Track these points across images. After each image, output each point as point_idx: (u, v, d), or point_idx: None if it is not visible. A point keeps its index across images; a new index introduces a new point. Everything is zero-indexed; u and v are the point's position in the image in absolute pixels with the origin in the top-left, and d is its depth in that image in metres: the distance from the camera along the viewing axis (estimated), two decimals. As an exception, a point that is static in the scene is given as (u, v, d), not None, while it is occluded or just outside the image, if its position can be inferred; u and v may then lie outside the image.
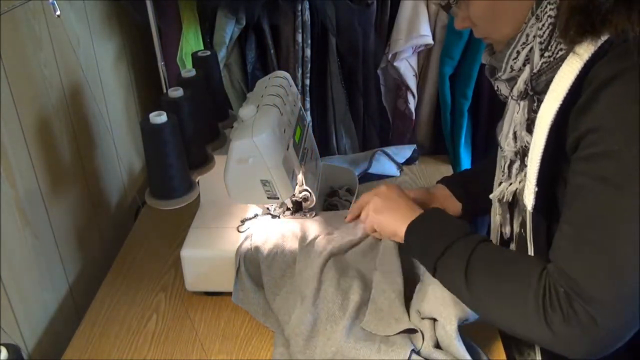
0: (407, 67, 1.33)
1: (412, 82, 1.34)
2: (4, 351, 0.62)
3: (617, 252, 0.66)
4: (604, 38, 0.65)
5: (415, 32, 1.25)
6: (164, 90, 1.06)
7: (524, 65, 0.75)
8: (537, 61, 0.73)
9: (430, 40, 1.28)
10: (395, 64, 1.31)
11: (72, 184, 1.06)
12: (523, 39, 0.74)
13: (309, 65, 1.31)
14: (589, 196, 0.68)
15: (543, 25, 0.70)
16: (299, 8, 1.25)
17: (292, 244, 0.98)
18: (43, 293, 0.95)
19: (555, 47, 0.71)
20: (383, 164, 1.34)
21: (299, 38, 1.27)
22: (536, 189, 0.73)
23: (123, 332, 0.95)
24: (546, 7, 0.70)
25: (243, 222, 1.02)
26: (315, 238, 0.98)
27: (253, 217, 1.03)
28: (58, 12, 0.89)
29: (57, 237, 1.00)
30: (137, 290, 1.03)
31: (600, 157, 0.66)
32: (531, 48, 0.73)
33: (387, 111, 1.41)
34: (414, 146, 1.39)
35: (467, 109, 1.35)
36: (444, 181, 1.08)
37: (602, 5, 0.64)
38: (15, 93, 0.87)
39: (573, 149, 0.70)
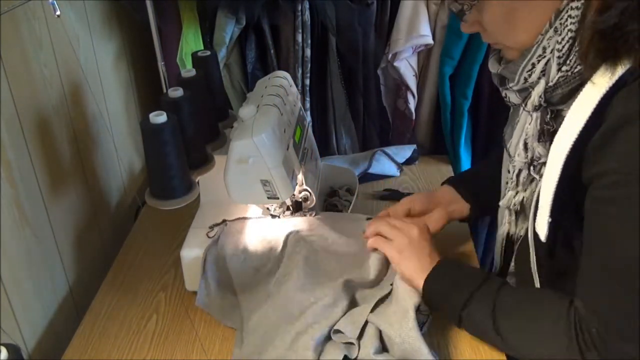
0: (407, 67, 1.33)
1: (412, 82, 1.34)
2: (4, 351, 0.62)
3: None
4: (624, 67, 0.62)
5: (415, 32, 1.25)
6: (164, 90, 1.06)
7: (539, 78, 0.73)
8: (554, 75, 0.70)
9: (430, 40, 1.28)
10: (395, 63, 1.31)
11: (72, 183, 1.06)
12: (539, 51, 0.71)
13: (309, 65, 1.31)
14: (611, 239, 0.66)
15: (562, 39, 0.68)
16: (299, 8, 1.25)
17: (262, 246, 0.98)
18: (43, 293, 0.95)
19: (574, 62, 0.69)
20: (383, 164, 1.34)
21: (299, 38, 1.27)
22: (549, 220, 0.71)
23: (123, 332, 0.95)
24: (567, 20, 0.67)
25: (212, 227, 1.01)
26: (290, 237, 0.98)
27: (221, 223, 1.02)
28: (58, 12, 0.89)
29: (57, 237, 1.00)
30: (137, 290, 1.03)
31: (623, 203, 0.64)
32: (547, 61, 0.71)
33: (387, 111, 1.41)
34: (414, 146, 1.39)
35: (467, 109, 1.35)
36: (451, 182, 1.06)
37: (630, 33, 0.60)
38: (15, 93, 0.87)
39: (589, 182, 0.68)
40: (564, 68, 0.69)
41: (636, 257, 0.65)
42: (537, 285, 0.82)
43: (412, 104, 1.37)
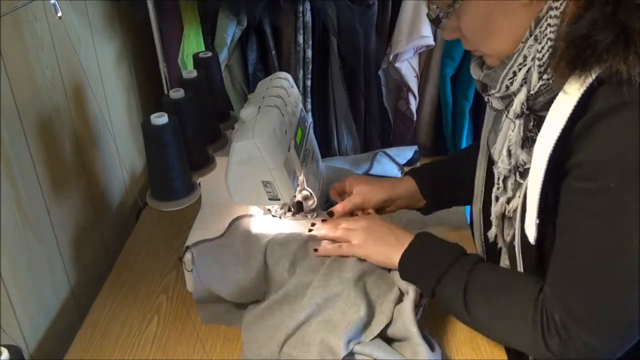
0: (408, 68, 1.33)
1: (413, 83, 1.34)
2: (5, 352, 0.62)
3: (610, 284, 0.67)
4: (594, 75, 0.63)
5: (417, 33, 1.25)
6: (165, 91, 1.06)
7: (521, 85, 0.73)
8: (534, 83, 0.70)
9: (431, 41, 1.28)
10: (396, 65, 1.31)
11: (73, 184, 1.06)
12: (520, 60, 0.71)
13: (310, 66, 1.31)
14: (584, 230, 0.68)
15: (542, 47, 0.68)
16: (300, 9, 1.25)
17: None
18: (44, 294, 0.95)
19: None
20: (384, 165, 1.34)
21: (300, 39, 1.27)
22: (537, 222, 0.72)
23: (124, 334, 0.95)
24: (546, 29, 0.67)
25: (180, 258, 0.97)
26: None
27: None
28: (60, 14, 0.89)
29: (59, 238, 1.00)
30: (139, 292, 1.03)
31: (595, 194, 0.65)
32: (529, 69, 0.71)
33: (388, 112, 1.41)
34: (415, 147, 1.39)
35: (468, 110, 1.35)
36: (413, 174, 1.06)
37: (599, 43, 0.61)
38: (16, 94, 0.87)
39: (565, 174, 0.69)
40: (545, 76, 0.69)
41: (602, 248, 0.66)
42: None
43: (413, 105, 1.37)
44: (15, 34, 0.88)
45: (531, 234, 0.73)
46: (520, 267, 0.81)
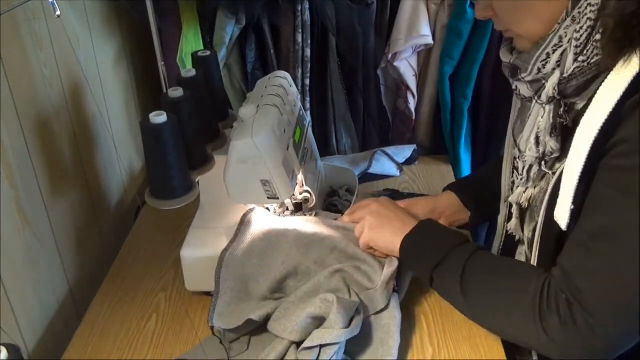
0: (407, 67, 1.33)
1: (412, 82, 1.34)
2: (4, 351, 0.62)
3: (627, 267, 0.65)
4: None
5: (415, 32, 1.26)
6: (164, 90, 1.05)
7: (554, 69, 0.71)
8: (569, 66, 0.69)
9: (430, 40, 1.28)
10: (395, 64, 1.31)
11: (72, 183, 1.06)
12: (555, 41, 0.69)
13: (309, 66, 1.31)
14: (610, 208, 0.66)
15: (581, 27, 0.66)
16: (299, 8, 1.25)
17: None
18: (43, 293, 0.95)
19: (591, 52, 0.67)
20: (383, 164, 1.34)
21: (299, 38, 1.27)
22: (572, 207, 0.69)
23: (123, 332, 0.95)
24: (586, 8, 0.65)
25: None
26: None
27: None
28: (58, 12, 0.89)
29: (57, 237, 1.00)
30: (137, 291, 1.03)
31: (628, 170, 0.64)
32: (564, 51, 0.69)
33: (387, 111, 1.41)
34: (414, 146, 1.39)
35: (467, 109, 1.35)
36: (453, 188, 1.06)
37: None
38: (15, 93, 0.87)
39: (603, 155, 0.67)
40: (580, 58, 0.67)
41: (627, 229, 0.64)
42: None
43: (412, 104, 1.37)
44: (13, 33, 0.88)
45: (564, 220, 0.70)
46: (534, 261, 0.80)
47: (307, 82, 1.33)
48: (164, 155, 0.84)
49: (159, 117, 0.82)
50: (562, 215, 0.71)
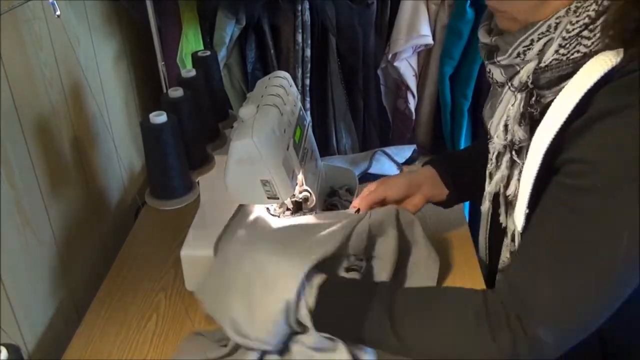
0: (407, 67, 1.33)
1: (412, 82, 1.34)
2: (4, 351, 0.62)
3: (579, 283, 0.66)
4: (615, 60, 0.62)
5: (415, 32, 1.26)
6: (164, 90, 1.06)
7: (535, 57, 0.70)
8: (548, 56, 0.68)
9: (430, 40, 1.28)
10: (395, 64, 1.31)
11: (72, 183, 1.06)
12: (543, 29, 0.68)
13: (309, 65, 1.31)
14: (564, 225, 0.67)
15: (577, 22, 0.65)
16: (299, 8, 1.25)
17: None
18: (43, 293, 0.95)
19: (574, 48, 0.66)
20: (383, 164, 1.34)
21: (299, 38, 1.27)
22: (527, 211, 0.71)
23: (123, 332, 0.95)
24: (590, 6, 0.65)
25: None
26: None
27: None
28: (58, 12, 0.89)
29: (57, 237, 1.00)
30: (137, 290, 1.03)
31: (583, 192, 0.64)
32: (548, 40, 0.68)
33: (387, 111, 1.41)
34: (414, 146, 1.39)
35: (467, 109, 1.35)
36: (432, 163, 1.03)
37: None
38: (15, 93, 0.87)
39: (556, 170, 0.68)
40: (561, 51, 0.67)
41: (579, 245, 0.65)
42: None
43: (412, 104, 1.37)
44: (13, 33, 0.88)
45: (519, 222, 0.72)
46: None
47: (307, 82, 1.33)
48: (164, 155, 0.84)
49: (159, 117, 0.82)
50: (519, 219, 0.72)
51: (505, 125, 0.77)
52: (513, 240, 0.83)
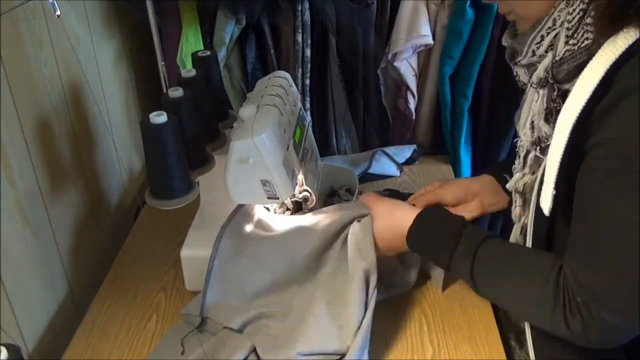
0: (407, 67, 1.33)
1: (412, 82, 1.34)
2: (4, 351, 0.62)
3: (631, 262, 0.66)
4: (630, 39, 0.62)
5: (415, 32, 1.26)
6: (164, 90, 1.05)
7: (547, 51, 0.73)
8: (561, 49, 0.70)
9: (430, 40, 1.28)
10: (395, 64, 1.31)
11: (72, 183, 1.06)
12: (549, 24, 0.71)
13: (309, 65, 1.31)
14: (603, 209, 0.67)
15: (574, 10, 0.67)
16: (299, 8, 1.25)
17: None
18: (43, 293, 0.95)
19: (582, 36, 0.68)
20: (383, 164, 1.34)
21: (299, 38, 1.27)
22: (554, 192, 0.70)
23: (123, 332, 0.95)
24: None
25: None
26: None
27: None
28: (58, 12, 0.89)
29: (57, 237, 1.00)
30: (137, 290, 1.03)
31: (617, 173, 0.65)
32: (556, 34, 0.71)
33: (387, 111, 1.41)
34: (414, 146, 1.39)
35: (467, 109, 1.35)
36: (491, 171, 1.03)
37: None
38: (15, 93, 0.87)
39: (587, 151, 0.68)
40: (571, 42, 0.69)
41: (624, 226, 0.65)
42: None
43: (412, 104, 1.37)
44: (13, 33, 0.88)
45: (546, 205, 0.72)
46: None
47: (307, 82, 1.33)
48: (164, 155, 0.84)
49: (159, 117, 0.82)
50: (545, 202, 0.72)
51: (532, 123, 0.78)
52: (523, 234, 0.84)
